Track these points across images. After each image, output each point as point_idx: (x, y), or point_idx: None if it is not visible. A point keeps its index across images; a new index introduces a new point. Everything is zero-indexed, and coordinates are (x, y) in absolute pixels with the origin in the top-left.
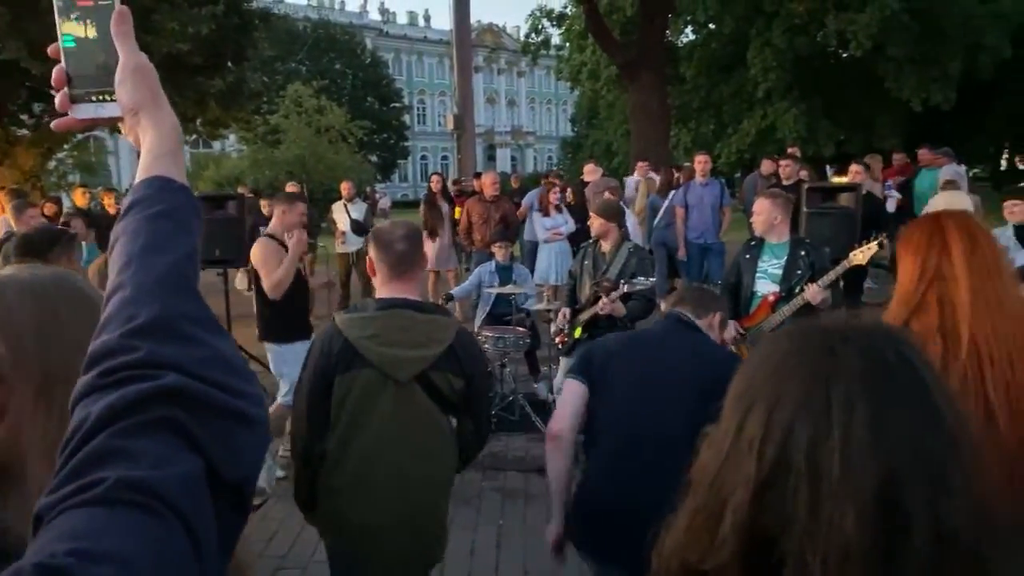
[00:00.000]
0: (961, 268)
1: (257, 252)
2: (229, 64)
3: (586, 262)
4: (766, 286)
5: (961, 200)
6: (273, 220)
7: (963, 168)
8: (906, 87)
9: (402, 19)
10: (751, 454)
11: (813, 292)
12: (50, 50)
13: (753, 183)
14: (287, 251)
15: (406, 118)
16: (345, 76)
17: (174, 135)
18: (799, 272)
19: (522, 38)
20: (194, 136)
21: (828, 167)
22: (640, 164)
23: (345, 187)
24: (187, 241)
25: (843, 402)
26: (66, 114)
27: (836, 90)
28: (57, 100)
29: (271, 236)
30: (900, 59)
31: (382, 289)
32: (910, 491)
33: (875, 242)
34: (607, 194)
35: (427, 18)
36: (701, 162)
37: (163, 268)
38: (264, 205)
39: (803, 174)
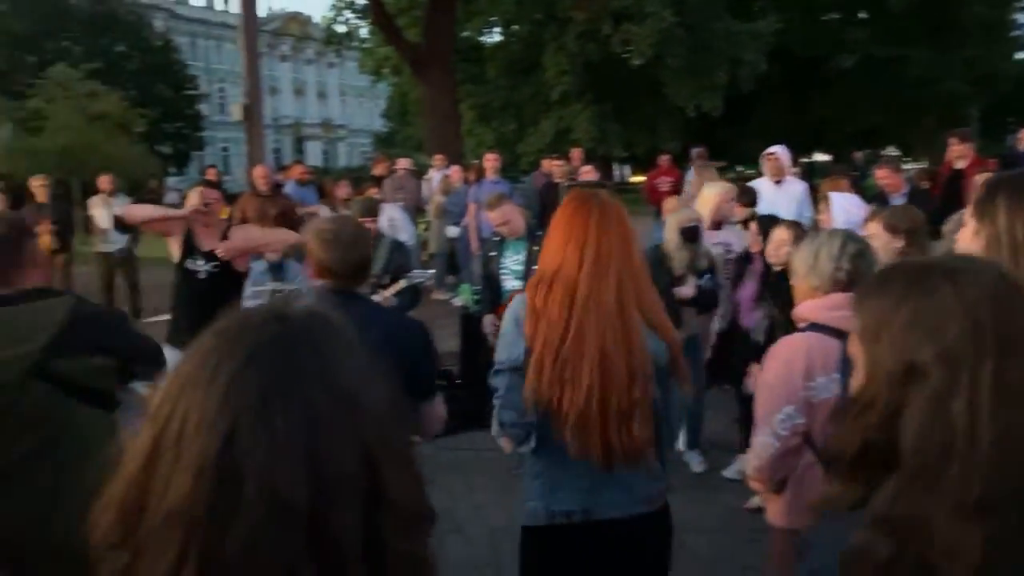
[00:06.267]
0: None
1: None
2: None
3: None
4: (510, 282)
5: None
6: None
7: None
8: (681, 95)
9: (197, 1)
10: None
11: None
12: None
13: (533, 180)
14: None
15: (204, 107)
16: (129, 59)
17: None
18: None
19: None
20: None
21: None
22: (437, 158)
23: (104, 181)
24: None
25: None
26: None
27: (625, 95)
28: None
29: None
30: (676, 69)
31: None
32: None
33: None
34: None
35: (226, 0)
36: (491, 160)
37: None
38: None
39: (585, 172)
